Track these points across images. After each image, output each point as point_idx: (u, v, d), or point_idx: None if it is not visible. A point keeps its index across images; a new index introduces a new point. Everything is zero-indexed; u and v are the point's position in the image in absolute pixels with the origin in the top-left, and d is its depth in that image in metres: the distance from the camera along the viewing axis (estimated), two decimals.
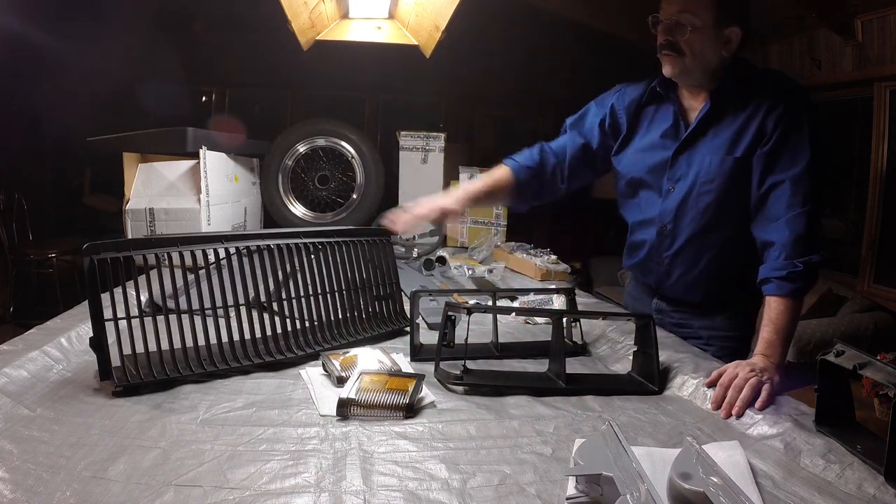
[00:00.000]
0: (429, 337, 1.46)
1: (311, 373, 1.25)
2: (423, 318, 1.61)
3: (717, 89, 1.36)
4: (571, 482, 0.82)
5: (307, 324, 1.41)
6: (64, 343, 1.29)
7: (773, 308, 1.23)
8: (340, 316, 1.48)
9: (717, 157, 1.35)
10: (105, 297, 1.15)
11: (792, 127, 1.28)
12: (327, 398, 1.11)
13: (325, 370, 1.24)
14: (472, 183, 1.63)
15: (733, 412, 1.07)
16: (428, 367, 1.24)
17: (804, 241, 1.24)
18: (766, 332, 1.21)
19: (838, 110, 3.84)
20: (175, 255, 1.25)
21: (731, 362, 1.16)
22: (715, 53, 1.33)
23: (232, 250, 1.34)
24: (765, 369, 1.13)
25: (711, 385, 1.15)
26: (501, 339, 1.45)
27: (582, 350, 1.47)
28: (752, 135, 1.31)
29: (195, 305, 1.26)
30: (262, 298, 1.38)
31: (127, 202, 2.34)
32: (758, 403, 1.06)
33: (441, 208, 1.50)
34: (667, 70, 1.37)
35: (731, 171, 1.34)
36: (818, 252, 1.25)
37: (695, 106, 1.41)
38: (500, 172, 1.59)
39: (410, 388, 1.09)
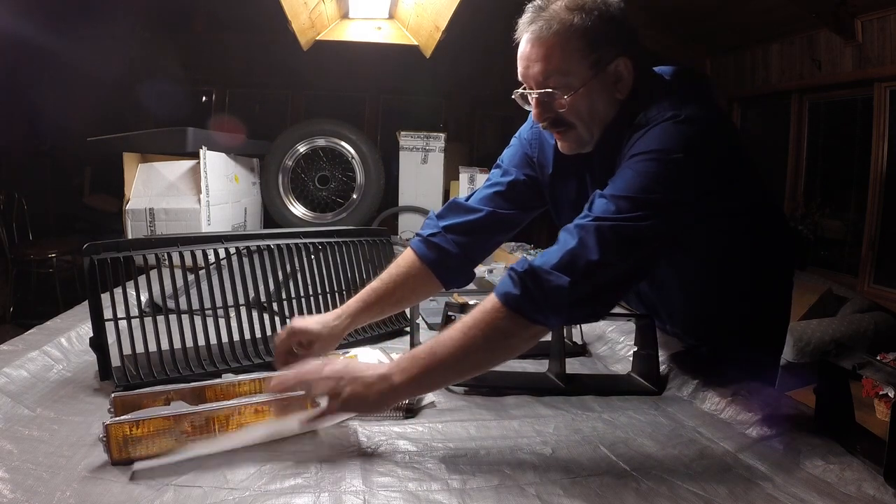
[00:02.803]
0: (429, 337, 1.46)
1: None
2: (423, 318, 1.61)
3: (594, 153, 1.09)
4: None
5: None
6: (64, 343, 1.29)
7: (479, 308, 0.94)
8: None
9: None
10: (105, 297, 1.15)
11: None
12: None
13: None
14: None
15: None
16: None
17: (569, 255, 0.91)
18: (433, 341, 0.94)
19: (838, 110, 3.85)
20: (175, 255, 1.25)
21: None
22: (609, 103, 1.04)
23: (232, 250, 1.34)
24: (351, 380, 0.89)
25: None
26: None
27: (582, 350, 1.47)
28: None
29: (195, 306, 1.26)
30: (262, 299, 1.38)
31: (127, 202, 2.35)
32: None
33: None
34: (564, 148, 1.11)
35: None
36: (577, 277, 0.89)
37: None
38: (406, 261, 1.21)
39: None
